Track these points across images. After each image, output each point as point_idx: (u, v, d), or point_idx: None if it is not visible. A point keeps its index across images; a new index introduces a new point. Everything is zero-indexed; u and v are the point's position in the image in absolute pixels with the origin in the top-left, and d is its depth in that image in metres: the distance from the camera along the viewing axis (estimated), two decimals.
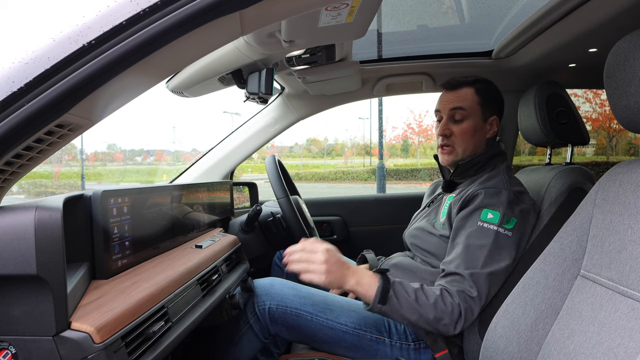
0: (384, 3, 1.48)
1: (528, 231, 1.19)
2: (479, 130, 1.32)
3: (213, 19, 0.59)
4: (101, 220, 0.84)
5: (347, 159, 27.41)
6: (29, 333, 0.61)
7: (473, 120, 1.31)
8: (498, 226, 1.14)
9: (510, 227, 1.15)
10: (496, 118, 1.35)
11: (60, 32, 0.57)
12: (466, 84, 1.33)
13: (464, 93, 1.32)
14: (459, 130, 1.31)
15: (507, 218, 1.15)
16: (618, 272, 0.79)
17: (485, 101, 1.32)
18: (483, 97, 1.32)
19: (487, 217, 1.16)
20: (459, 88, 1.33)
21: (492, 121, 1.34)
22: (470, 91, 1.32)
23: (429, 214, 1.39)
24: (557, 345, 0.85)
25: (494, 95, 1.35)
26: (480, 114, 1.32)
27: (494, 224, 1.14)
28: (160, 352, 0.76)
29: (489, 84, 1.35)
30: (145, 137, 54.31)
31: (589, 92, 14.03)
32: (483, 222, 1.15)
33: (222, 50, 1.20)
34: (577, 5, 1.22)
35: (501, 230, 1.14)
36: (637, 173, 0.83)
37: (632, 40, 0.83)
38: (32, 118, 0.56)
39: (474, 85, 1.32)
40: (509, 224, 1.15)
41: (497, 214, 1.15)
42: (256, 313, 1.25)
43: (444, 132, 1.32)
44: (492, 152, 1.31)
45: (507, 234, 1.14)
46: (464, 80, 1.33)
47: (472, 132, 1.31)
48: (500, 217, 1.15)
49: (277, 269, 1.69)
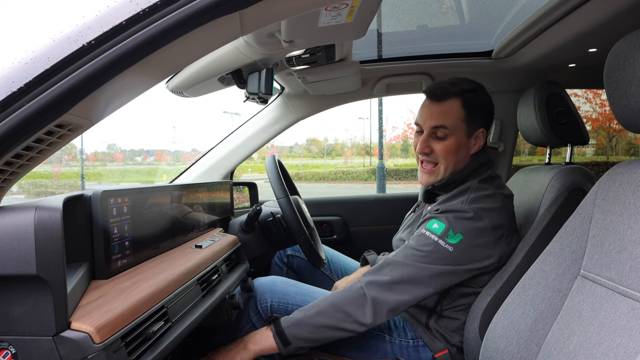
0: (384, 3, 1.48)
1: (484, 250, 1.13)
2: (462, 147, 1.23)
3: (213, 19, 0.59)
4: (101, 220, 0.84)
5: (347, 159, 27.41)
6: (28, 333, 0.61)
7: (456, 138, 1.21)
8: (439, 238, 1.11)
9: (453, 242, 1.10)
10: (483, 131, 1.24)
11: (60, 32, 0.57)
12: (453, 94, 1.21)
13: (449, 106, 1.21)
14: (441, 148, 1.22)
15: (452, 232, 1.10)
16: (618, 272, 0.79)
17: (471, 115, 1.22)
18: (470, 110, 1.21)
19: (432, 226, 1.14)
20: (445, 99, 1.21)
21: (477, 135, 1.24)
22: (457, 104, 1.21)
23: (412, 224, 1.39)
24: (557, 345, 0.85)
25: (482, 105, 1.25)
26: (464, 130, 1.22)
27: (435, 234, 1.11)
28: (160, 352, 0.76)
29: (479, 93, 1.25)
30: (145, 137, 54.32)
31: (589, 92, 14.02)
32: (427, 230, 1.14)
33: (222, 50, 1.20)
34: (577, 5, 1.23)
35: (441, 242, 1.10)
36: (637, 173, 0.83)
37: (632, 40, 0.83)
38: (32, 118, 0.56)
39: (462, 96, 1.21)
40: (453, 238, 1.10)
41: (442, 225, 1.12)
42: (259, 311, 1.26)
43: (424, 150, 1.23)
44: (472, 168, 1.23)
45: (447, 247, 1.10)
46: (451, 90, 1.21)
47: (454, 150, 1.21)
48: (445, 229, 1.11)
49: (277, 269, 1.70)
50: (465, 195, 1.18)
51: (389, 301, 1.09)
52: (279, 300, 1.26)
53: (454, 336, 1.21)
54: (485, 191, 1.18)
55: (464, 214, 1.12)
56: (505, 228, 1.16)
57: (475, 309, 1.17)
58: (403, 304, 1.10)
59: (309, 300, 1.26)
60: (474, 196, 1.17)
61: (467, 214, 1.12)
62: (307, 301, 1.26)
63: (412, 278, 1.10)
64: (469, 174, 1.23)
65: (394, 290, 1.09)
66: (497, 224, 1.14)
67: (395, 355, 1.22)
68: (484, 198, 1.16)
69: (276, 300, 1.26)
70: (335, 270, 1.69)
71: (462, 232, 1.11)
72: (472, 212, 1.12)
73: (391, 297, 1.09)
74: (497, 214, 1.15)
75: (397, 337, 1.24)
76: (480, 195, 1.17)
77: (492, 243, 1.13)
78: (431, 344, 1.21)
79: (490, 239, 1.13)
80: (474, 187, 1.19)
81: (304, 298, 1.27)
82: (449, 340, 1.21)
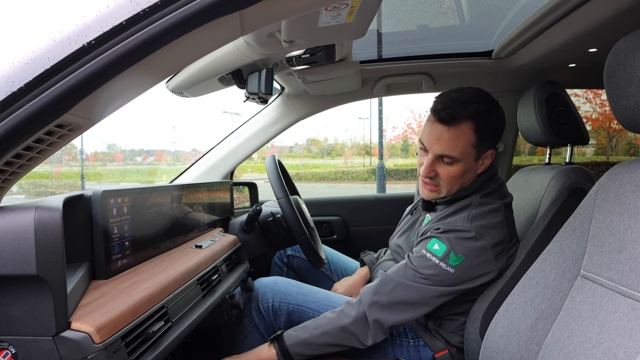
0: (384, 3, 1.48)
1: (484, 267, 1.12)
2: (469, 171, 1.17)
3: (213, 19, 0.59)
4: (101, 220, 0.84)
5: (347, 159, 27.39)
6: (29, 333, 0.61)
7: (464, 164, 1.15)
8: (440, 260, 1.09)
9: (455, 264, 1.09)
10: (492, 152, 1.18)
11: (60, 32, 0.57)
12: (465, 118, 1.11)
13: (460, 133, 1.11)
14: (447, 174, 1.16)
15: (454, 255, 1.09)
16: (618, 272, 0.79)
17: (482, 139, 1.13)
18: (481, 134, 1.12)
19: (433, 247, 1.11)
20: (456, 124, 1.11)
21: (486, 156, 1.18)
22: (468, 129, 1.11)
23: (409, 229, 1.39)
24: (557, 345, 0.85)
25: (495, 127, 1.17)
26: (473, 156, 1.15)
27: (437, 256, 1.10)
28: (160, 352, 0.76)
29: (492, 114, 1.14)
30: (145, 137, 54.28)
31: (589, 92, 14.01)
32: (427, 251, 1.12)
33: (222, 50, 1.20)
34: (577, 5, 1.22)
35: (443, 264, 1.09)
36: (637, 173, 0.83)
37: (632, 40, 0.83)
38: (32, 118, 0.56)
39: (475, 120, 1.11)
40: (455, 260, 1.09)
41: (443, 247, 1.10)
42: (261, 311, 1.26)
43: (429, 175, 1.17)
44: (477, 185, 1.20)
45: (448, 269, 1.09)
46: (463, 114, 1.10)
47: (460, 175, 1.16)
48: (446, 251, 1.09)
49: (277, 269, 1.70)
50: (467, 212, 1.15)
51: (391, 321, 1.11)
52: (280, 300, 1.26)
53: (454, 337, 1.21)
54: (487, 206, 1.15)
55: (466, 234, 1.10)
56: (505, 242, 1.15)
57: (476, 309, 1.17)
58: (403, 322, 1.13)
59: (310, 300, 1.27)
60: (476, 212, 1.14)
61: (468, 234, 1.10)
62: (308, 301, 1.26)
63: (414, 300, 1.11)
64: (474, 191, 1.21)
65: (395, 311, 1.11)
66: (498, 241, 1.13)
67: (395, 355, 1.22)
68: (486, 214, 1.14)
69: (277, 300, 1.26)
70: (335, 271, 1.69)
71: (464, 253, 1.09)
72: (473, 232, 1.10)
73: (392, 318, 1.11)
74: (498, 230, 1.13)
75: (398, 336, 1.24)
76: (482, 212, 1.14)
77: (493, 260, 1.13)
78: (431, 343, 1.21)
79: (491, 256, 1.12)
80: (476, 202, 1.17)
81: (305, 298, 1.27)
82: (449, 341, 1.21)
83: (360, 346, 1.12)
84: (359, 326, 1.11)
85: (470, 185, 1.20)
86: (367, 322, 1.10)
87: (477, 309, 1.17)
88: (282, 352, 1.10)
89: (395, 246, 1.40)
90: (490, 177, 1.23)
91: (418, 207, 1.42)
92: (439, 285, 1.10)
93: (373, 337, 1.10)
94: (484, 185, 1.22)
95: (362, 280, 1.51)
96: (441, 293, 1.11)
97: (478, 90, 1.17)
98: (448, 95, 1.15)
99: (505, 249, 1.16)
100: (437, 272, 1.10)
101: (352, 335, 1.11)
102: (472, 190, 1.20)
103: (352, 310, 1.12)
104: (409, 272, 1.12)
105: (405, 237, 1.37)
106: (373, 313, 1.10)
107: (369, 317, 1.10)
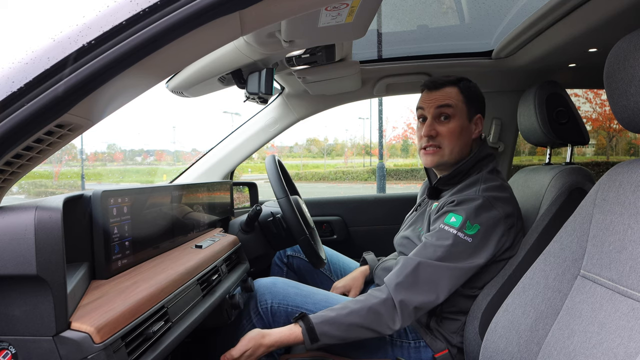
0: (384, 3, 1.48)
1: (499, 238, 1.16)
2: (465, 130, 1.28)
3: (213, 19, 0.59)
4: (101, 220, 0.84)
5: (347, 159, 27.39)
6: (29, 333, 0.61)
7: (459, 119, 1.27)
8: (458, 230, 1.13)
9: (471, 233, 1.13)
10: (480, 117, 1.32)
11: (60, 32, 0.57)
12: (449, 83, 1.29)
13: (449, 92, 1.28)
14: (446, 130, 1.26)
15: (470, 224, 1.14)
16: (618, 272, 0.79)
17: (469, 100, 1.29)
18: (467, 95, 1.29)
19: (450, 220, 1.16)
20: (443, 87, 1.29)
21: (476, 120, 1.31)
22: (454, 90, 1.29)
23: (416, 221, 1.40)
24: (557, 345, 0.85)
25: (476, 94, 1.32)
26: (466, 113, 1.28)
27: (454, 227, 1.14)
28: (160, 352, 0.76)
29: (471, 83, 1.33)
30: (145, 137, 54.27)
31: (589, 92, 14.01)
32: (445, 224, 1.16)
33: (222, 50, 1.20)
34: (577, 5, 1.22)
35: (460, 234, 1.13)
36: (637, 173, 0.83)
37: (632, 40, 0.83)
38: (32, 118, 0.56)
39: (458, 84, 1.29)
40: (471, 229, 1.13)
41: (459, 218, 1.15)
42: (259, 312, 1.26)
43: (430, 133, 1.27)
44: (477, 157, 1.27)
45: (466, 239, 1.13)
46: (447, 80, 1.30)
47: (459, 131, 1.27)
48: (462, 221, 1.14)
49: (277, 269, 1.70)
50: (477, 186, 1.21)
51: (416, 301, 1.11)
52: (279, 302, 1.26)
53: (455, 337, 1.21)
54: (495, 182, 1.22)
55: (479, 202, 1.15)
56: (515, 217, 1.21)
57: (476, 309, 1.17)
58: (428, 304, 1.12)
59: (309, 301, 1.26)
60: (485, 186, 1.20)
61: (481, 202, 1.15)
62: (307, 302, 1.26)
63: (436, 278, 1.12)
64: (473, 165, 1.26)
65: (419, 290, 1.11)
66: (508, 213, 1.18)
67: (395, 355, 1.22)
68: (496, 188, 1.20)
69: (276, 302, 1.26)
70: (335, 271, 1.69)
71: (479, 222, 1.14)
72: (487, 201, 1.16)
73: (417, 298, 1.11)
74: (508, 203, 1.19)
75: (398, 337, 1.24)
76: (491, 186, 1.20)
77: (506, 232, 1.17)
78: (432, 344, 1.21)
79: (504, 227, 1.17)
80: (484, 178, 1.23)
81: (304, 299, 1.27)
82: (450, 341, 1.21)
83: (387, 331, 1.11)
84: (387, 308, 1.11)
85: (470, 158, 1.27)
86: (394, 304, 1.10)
87: (477, 308, 1.17)
88: (308, 329, 1.09)
89: (400, 239, 1.40)
90: (488, 156, 1.30)
91: (422, 203, 1.42)
92: (459, 260, 1.12)
93: (401, 320, 1.10)
94: (484, 163, 1.28)
95: (361, 276, 1.52)
96: (462, 270, 1.12)
97: None
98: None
99: (515, 224, 1.20)
100: (455, 242, 1.12)
101: (380, 317, 1.10)
102: (472, 163, 1.27)
103: (379, 293, 1.13)
104: (429, 250, 1.14)
105: (411, 229, 1.37)
106: (398, 294, 1.10)
107: (395, 299, 1.10)
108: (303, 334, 1.09)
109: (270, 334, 1.11)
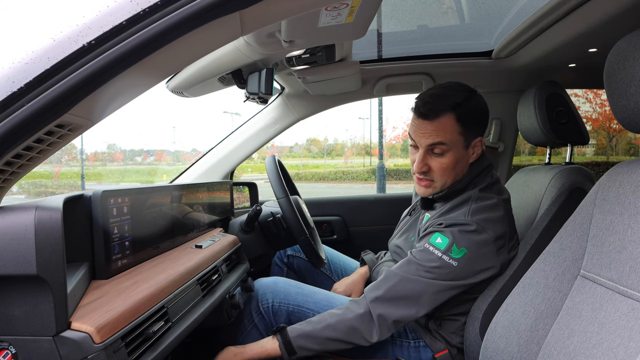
0: (384, 3, 1.48)
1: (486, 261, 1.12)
2: (461, 160, 1.19)
3: (213, 19, 0.59)
4: (101, 220, 0.84)
5: (347, 159, 27.38)
6: (29, 333, 0.61)
7: (454, 152, 1.16)
8: (443, 253, 1.10)
9: (457, 257, 1.09)
10: (480, 139, 1.21)
11: (60, 32, 0.57)
12: (444, 110, 1.14)
13: (444, 123, 1.14)
14: (439, 166, 1.18)
15: (457, 247, 1.10)
16: (618, 272, 0.79)
17: (467, 127, 1.16)
18: (465, 122, 1.15)
19: (435, 241, 1.12)
20: (438, 117, 1.14)
21: (475, 143, 1.20)
22: (451, 120, 1.14)
23: (409, 229, 1.39)
24: (557, 345, 0.85)
25: (477, 114, 1.19)
26: (462, 143, 1.17)
27: (439, 249, 1.10)
28: (160, 352, 0.76)
29: (471, 102, 1.16)
30: (145, 137, 54.23)
31: (589, 92, 14.00)
32: (430, 244, 1.13)
33: (222, 50, 1.20)
34: (577, 5, 1.22)
35: (445, 257, 1.10)
36: (637, 173, 0.83)
37: (632, 40, 0.83)
38: (32, 118, 0.56)
39: (455, 111, 1.14)
40: (457, 253, 1.09)
41: (446, 240, 1.11)
42: (260, 311, 1.26)
43: (422, 169, 1.19)
44: (472, 175, 1.21)
45: (451, 262, 1.09)
46: (442, 107, 1.14)
47: (453, 165, 1.17)
48: (449, 244, 1.10)
49: (277, 269, 1.70)
50: (467, 206, 1.16)
51: (394, 315, 1.10)
52: (280, 301, 1.26)
53: (454, 337, 1.21)
54: (487, 201, 1.16)
55: (468, 227, 1.11)
56: (506, 237, 1.16)
57: (476, 309, 1.17)
58: (406, 318, 1.12)
59: (310, 300, 1.27)
60: (476, 207, 1.15)
61: (470, 227, 1.11)
62: (308, 302, 1.26)
63: (417, 294, 1.11)
64: (469, 183, 1.21)
65: (398, 305, 1.10)
66: (499, 234, 1.13)
67: (395, 355, 1.22)
68: (487, 209, 1.14)
69: (277, 301, 1.26)
70: (335, 271, 1.69)
71: (466, 246, 1.10)
72: (475, 225, 1.11)
73: (395, 312, 1.10)
74: (499, 224, 1.14)
75: (398, 337, 1.24)
76: (482, 206, 1.15)
77: (495, 253, 1.13)
78: (432, 344, 1.21)
79: (493, 249, 1.12)
80: (475, 196, 1.17)
81: (305, 299, 1.27)
82: (449, 342, 1.21)
83: (365, 343, 1.11)
84: (364, 322, 1.10)
85: (465, 176, 1.21)
86: (371, 318, 1.10)
87: (477, 309, 1.17)
88: (285, 343, 1.10)
89: (394, 247, 1.40)
90: (485, 169, 1.23)
91: (417, 208, 1.42)
92: (441, 279, 1.10)
93: (378, 333, 1.10)
94: (480, 178, 1.22)
95: (361, 279, 1.52)
96: (444, 287, 1.10)
97: (455, 84, 1.20)
98: (427, 93, 1.20)
99: (506, 244, 1.16)
100: (440, 265, 1.10)
101: (356, 331, 1.10)
102: (467, 182, 1.21)
103: (356, 307, 1.12)
104: (412, 267, 1.12)
105: (404, 238, 1.37)
106: (377, 308, 1.10)
107: (373, 313, 1.10)
108: (280, 348, 1.10)
109: (244, 351, 1.11)
